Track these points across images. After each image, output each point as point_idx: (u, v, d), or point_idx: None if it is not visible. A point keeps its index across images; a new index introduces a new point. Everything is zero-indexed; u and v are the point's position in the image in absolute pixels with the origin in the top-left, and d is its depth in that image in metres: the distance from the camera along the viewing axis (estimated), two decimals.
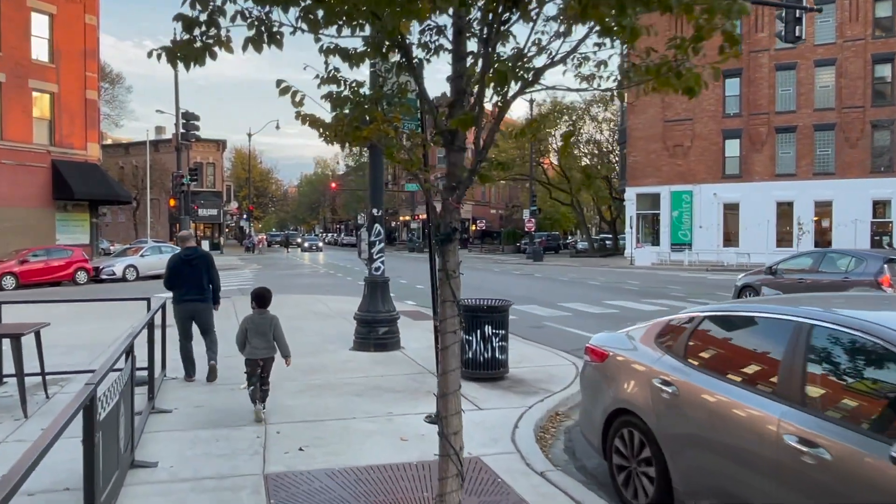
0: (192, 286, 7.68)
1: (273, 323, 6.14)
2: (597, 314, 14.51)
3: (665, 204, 40.71)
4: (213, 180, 63.48)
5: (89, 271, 24.79)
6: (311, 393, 7.09)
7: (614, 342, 4.95)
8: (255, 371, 6.07)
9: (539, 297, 17.84)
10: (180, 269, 7.66)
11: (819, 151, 37.64)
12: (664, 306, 15.86)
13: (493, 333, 7.56)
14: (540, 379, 7.82)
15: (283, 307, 15.45)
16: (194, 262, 7.70)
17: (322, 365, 8.56)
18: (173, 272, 7.72)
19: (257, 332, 6.06)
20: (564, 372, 8.25)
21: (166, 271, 7.83)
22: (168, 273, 7.78)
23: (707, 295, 18.87)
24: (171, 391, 7.14)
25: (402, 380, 7.74)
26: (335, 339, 10.76)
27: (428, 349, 9.61)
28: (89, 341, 10.37)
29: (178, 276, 7.65)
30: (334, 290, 20.93)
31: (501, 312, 7.66)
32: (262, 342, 6.07)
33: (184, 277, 7.64)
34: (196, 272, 7.67)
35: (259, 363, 6.07)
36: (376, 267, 9.80)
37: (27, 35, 28.70)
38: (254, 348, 6.05)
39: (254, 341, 6.05)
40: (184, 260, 7.72)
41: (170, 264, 7.84)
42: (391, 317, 9.71)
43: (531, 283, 24.73)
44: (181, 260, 7.74)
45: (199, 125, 28.04)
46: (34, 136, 29.07)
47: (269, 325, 6.11)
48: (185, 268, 7.66)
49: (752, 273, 15.05)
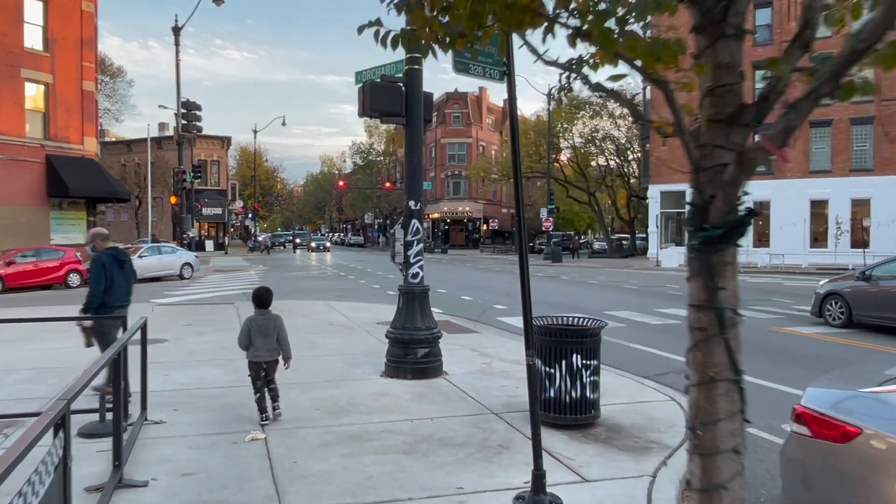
0: (125, 292, 6.72)
1: (277, 324, 5.89)
2: (656, 325, 12.58)
3: None
4: (217, 178, 61.72)
5: (82, 273, 22.95)
6: (343, 449, 5.19)
7: (864, 408, 3.03)
8: (260, 374, 5.83)
9: (580, 305, 15.92)
10: (114, 273, 6.56)
11: (856, 146, 35.60)
12: None
13: (582, 365, 5.66)
14: (641, 425, 5.91)
15: (293, 316, 13.61)
16: (125, 265, 6.75)
17: (350, 400, 6.67)
18: (108, 276, 6.48)
19: (261, 333, 5.82)
20: (666, 412, 6.34)
21: (98, 275, 6.41)
22: (104, 276, 6.45)
23: (764, 301, 16.90)
24: (149, 447, 5.24)
25: (460, 425, 5.83)
26: (360, 359, 8.87)
27: (477, 375, 7.73)
28: (66, 362, 8.53)
29: (112, 280, 6.53)
30: (348, 296, 19.06)
31: (593, 337, 5.75)
32: (267, 344, 5.83)
33: (118, 283, 6.59)
34: (127, 276, 6.77)
35: (263, 366, 5.83)
36: (414, 273, 7.90)
37: (19, 21, 26.94)
38: (257, 350, 5.80)
39: (257, 343, 5.80)
40: (118, 260, 6.65)
41: (102, 268, 6.47)
42: (432, 335, 7.81)
43: (561, 287, 22.83)
44: (115, 260, 6.62)
45: (200, 115, 26.21)
46: (27, 129, 27.31)
47: (272, 325, 5.87)
48: (118, 271, 6.61)
49: (837, 279, 13.08)
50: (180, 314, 13.99)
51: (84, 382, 3.24)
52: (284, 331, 5.93)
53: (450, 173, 68.17)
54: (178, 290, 21.09)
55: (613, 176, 52.96)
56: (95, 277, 6.47)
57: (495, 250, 61.23)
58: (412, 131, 7.89)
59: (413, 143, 7.95)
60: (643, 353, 9.82)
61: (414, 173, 7.99)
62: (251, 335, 5.79)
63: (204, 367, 8.37)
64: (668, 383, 7.77)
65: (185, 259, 26.96)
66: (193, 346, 9.90)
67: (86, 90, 29.72)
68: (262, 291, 6.02)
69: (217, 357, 8.83)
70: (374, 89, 7.66)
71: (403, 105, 7.80)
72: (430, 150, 70.66)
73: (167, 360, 8.81)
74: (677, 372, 8.60)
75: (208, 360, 8.81)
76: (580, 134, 51.21)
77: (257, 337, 5.78)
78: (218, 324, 12.20)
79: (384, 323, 12.46)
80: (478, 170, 59.28)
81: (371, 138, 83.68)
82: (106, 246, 6.79)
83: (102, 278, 6.44)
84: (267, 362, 5.81)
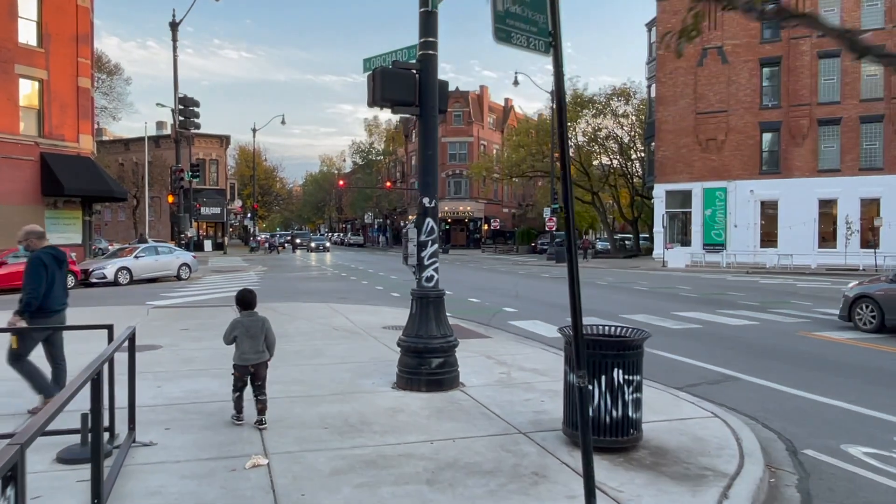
0: (64, 295, 6.40)
1: (265, 326, 5.83)
2: (678, 330, 11.96)
3: (697, 202, 38.11)
4: (216, 178, 61.06)
5: (77, 274, 22.31)
6: (357, 478, 4.56)
7: None
8: (245, 377, 5.73)
9: (593, 308, 15.31)
10: (55, 274, 6.19)
11: (866, 145, 35.01)
12: (752, 320, 13.32)
13: (624, 381, 5.04)
14: (688, 447, 5.29)
15: (294, 320, 12.99)
16: (64, 265, 6.37)
17: (361, 417, 6.04)
18: (50, 276, 6.11)
19: (248, 335, 5.73)
20: (712, 431, 5.72)
21: (38, 275, 6.05)
22: (45, 277, 6.07)
23: (783, 304, 16.29)
24: (137, 476, 4.60)
25: (487, 448, 5.21)
26: (369, 368, 8.25)
27: (497, 388, 7.11)
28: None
29: (53, 281, 6.16)
30: (350, 297, 18.44)
31: (636, 349, 5.13)
32: (254, 346, 5.74)
33: (58, 284, 6.25)
34: (64, 277, 6.42)
35: (250, 369, 5.73)
36: (428, 276, 7.28)
37: (13, 16, 26.29)
38: (244, 353, 5.72)
39: (245, 345, 5.72)
40: (57, 260, 6.26)
41: (44, 268, 6.09)
42: (448, 344, 7.18)
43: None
44: (55, 260, 6.22)
45: (198, 112, 25.55)
46: (21, 126, 26.65)
47: (260, 327, 5.80)
48: (58, 272, 6.23)
49: (867, 282, 12.46)
50: (176, 317, 13.37)
51: (45, 420, 2.62)
52: (272, 332, 5.91)
53: (451, 173, 67.52)
54: (175, 292, 20.46)
55: (616, 175, 52.34)
56: (35, 277, 6.04)
57: (497, 250, 60.62)
58: (426, 123, 7.26)
59: (427, 135, 7.32)
60: (669, 361, 9.20)
61: (428, 168, 7.35)
62: (238, 338, 5.73)
63: (201, 377, 7.75)
64: (704, 395, 7.16)
65: (183, 259, 26.31)
66: (189, 354, 9.27)
67: (81, 87, 29.06)
68: (247, 293, 5.99)
69: (215, 366, 8.21)
70: (386, 76, 7.04)
71: (417, 94, 7.18)
72: None
73: (161, 369, 8.19)
74: (711, 382, 8.00)
75: (205, 369, 8.19)
76: (583, 132, 50.55)
77: (244, 339, 5.72)
78: (216, 328, 11.55)
79: (391, 327, 11.85)
80: (479, 169, 58.66)
81: (371, 137, 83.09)
82: (42, 245, 6.33)
83: (44, 279, 6.05)
84: (255, 364, 5.74)
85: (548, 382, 7.43)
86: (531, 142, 51.97)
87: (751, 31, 36.76)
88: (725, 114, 37.35)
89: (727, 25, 36.98)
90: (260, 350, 5.77)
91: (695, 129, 38.08)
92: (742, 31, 36.92)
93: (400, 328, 12.02)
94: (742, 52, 36.97)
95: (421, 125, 7.34)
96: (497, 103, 75.72)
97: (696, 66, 37.65)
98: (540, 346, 10.16)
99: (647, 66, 43.37)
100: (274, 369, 8.30)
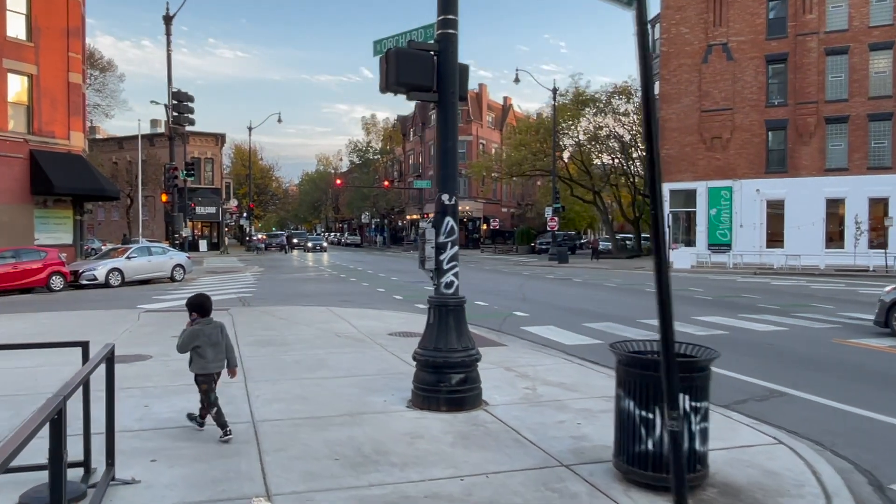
0: None
1: (224, 331, 5.60)
2: (704, 337, 11.21)
3: (701, 201, 37.42)
4: (211, 177, 60.15)
5: (66, 276, 21.47)
6: None
7: None
8: (213, 386, 5.46)
9: (607, 312, 14.56)
10: None
11: (874, 144, 34.36)
12: (778, 325, 12.59)
13: (691, 408, 4.29)
14: (761, 484, 4.54)
15: (294, 325, 12.19)
16: None
17: (376, 445, 5.27)
18: None
19: (210, 343, 5.45)
20: (783, 462, 4.97)
21: None
22: None
23: (804, 307, 15.57)
24: None
25: (526, 487, 4.44)
26: (378, 383, 7.47)
27: (524, 406, 6.36)
28: (28, 387, 7.15)
29: None
30: (351, 300, 17.65)
31: (703, 371, 4.39)
32: (217, 354, 5.50)
33: None
34: None
35: (214, 377, 5.50)
36: (447, 282, 6.50)
37: (2, 9, 25.46)
38: (208, 362, 5.45)
39: (208, 354, 5.45)
40: None
41: None
42: (470, 358, 6.40)
43: (578, 291, 21.49)
44: None
45: (192, 108, 24.73)
46: (9, 122, 25.81)
47: (220, 333, 5.55)
48: None
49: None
50: (168, 322, 12.56)
51: None
52: (229, 337, 5.69)
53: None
54: (168, 294, 19.64)
55: (618, 174, 51.64)
56: None
57: (496, 250, 59.90)
58: (445, 110, 6.49)
59: (446, 124, 6.55)
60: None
61: (447, 161, 6.58)
62: (201, 347, 5.43)
63: (192, 393, 6.89)
64: (756, 415, 6.41)
65: (177, 260, 25.44)
66: (181, 365, 8.39)
67: (72, 82, 28.20)
68: (204, 299, 5.67)
69: None
70: (401, 57, 6.26)
71: (435, 78, 6.42)
72: (429, 148, 69.25)
73: (149, 384, 7.42)
74: (758, 399, 7.26)
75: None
76: (584, 131, 49.83)
77: (207, 348, 5.45)
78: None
79: (397, 334, 11.11)
80: (479, 168, 57.89)
81: (368, 136, 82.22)
82: None
83: None
84: (218, 373, 5.54)
85: (580, 400, 6.68)
86: (532, 140, 51.20)
87: (756, 27, 36.11)
88: (731, 112, 36.66)
89: (732, 22, 36.34)
90: (222, 357, 5.54)
91: (699, 127, 37.40)
92: (747, 27, 36.26)
93: (407, 335, 11.34)
94: (747, 49, 36.29)
95: (440, 113, 6.56)
96: (496, 102, 75.01)
97: (700, 62, 36.97)
98: (560, 355, 9.41)
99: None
100: (273, 383, 7.56)
